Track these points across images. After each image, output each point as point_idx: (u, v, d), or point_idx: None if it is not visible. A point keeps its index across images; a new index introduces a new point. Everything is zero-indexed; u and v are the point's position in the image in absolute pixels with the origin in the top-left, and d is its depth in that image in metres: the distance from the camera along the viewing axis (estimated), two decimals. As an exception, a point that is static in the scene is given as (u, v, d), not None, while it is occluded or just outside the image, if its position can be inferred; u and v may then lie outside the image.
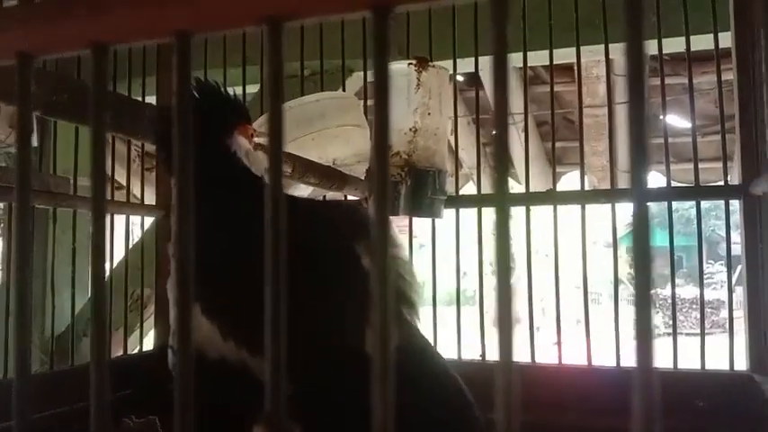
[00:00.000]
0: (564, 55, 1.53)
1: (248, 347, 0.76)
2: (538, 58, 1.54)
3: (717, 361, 1.25)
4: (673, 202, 1.37)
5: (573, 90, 3.32)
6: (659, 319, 8.65)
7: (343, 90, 1.71)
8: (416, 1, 0.25)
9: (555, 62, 1.45)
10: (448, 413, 0.83)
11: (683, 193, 1.43)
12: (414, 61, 1.20)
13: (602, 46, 1.37)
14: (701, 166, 1.35)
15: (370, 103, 1.37)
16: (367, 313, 0.80)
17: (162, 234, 1.55)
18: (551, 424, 1.13)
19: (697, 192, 1.33)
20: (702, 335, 1.27)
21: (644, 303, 0.24)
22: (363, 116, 1.38)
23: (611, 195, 1.34)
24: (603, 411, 1.13)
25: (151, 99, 1.62)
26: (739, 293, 1.38)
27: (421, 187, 1.18)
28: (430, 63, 1.22)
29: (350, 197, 1.42)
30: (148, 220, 1.74)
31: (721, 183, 1.32)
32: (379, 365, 0.25)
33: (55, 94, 0.83)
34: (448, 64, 1.37)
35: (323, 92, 1.46)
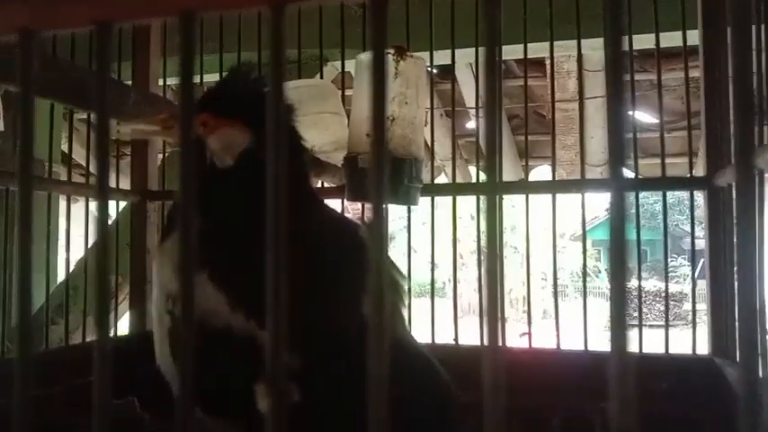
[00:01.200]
0: (536, 50, 1.55)
1: (257, 320, 0.76)
2: (510, 52, 1.57)
3: (679, 351, 1.30)
4: (639, 198, 1.41)
5: (543, 84, 3.36)
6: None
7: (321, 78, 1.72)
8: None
9: (528, 56, 1.48)
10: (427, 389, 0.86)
11: (650, 184, 1.47)
12: (392, 50, 1.20)
13: (575, 41, 1.40)
14: (667, 161, 1.39)
15: (348, 93, 1.38)
16: (364, 293, 0.82)
17: (137, 219, 1.54)
18: (522, 407, 1.16)
19: (664, 183, 1.37)
20: (666, 326, 1.32)
21: (620, 290, 0.26)
22: (341, 104, 1.38)
23: (582, 185, 1.37)
24: (571, 393, 1.17)
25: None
26: (702, 286, 1.43)
27: (398, 175, 1.19)
28: (408, 53, 1.22)
29: (327, 184, 1.43)
30: (119, 206, 1.73)
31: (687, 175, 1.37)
32: (374, 348, 0.27)
33: (44, 73, 0.82)
34: (424, 56, 1.38)
35: (301, 79, 1.46)
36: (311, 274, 0.79)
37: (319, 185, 1.41)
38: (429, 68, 1.37)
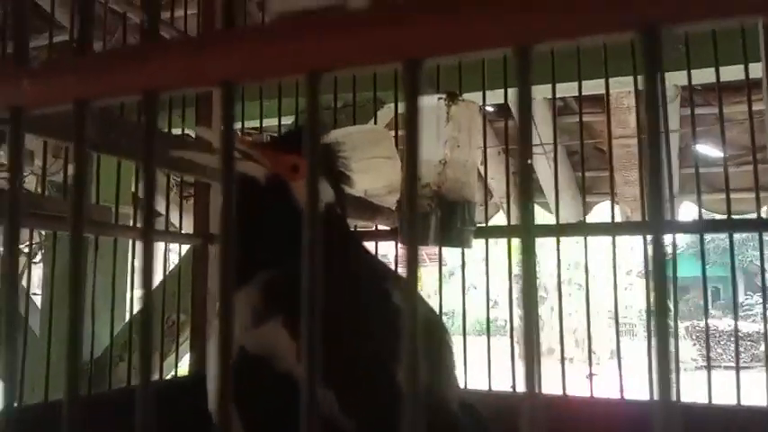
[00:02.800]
0: (592, 86, 1.53)
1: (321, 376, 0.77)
2: (567, 89, 1.56)
3: (756, 396, 1.22)
4: (703, 237, 1.35)
5: (603, 120, 3.31)
6: (695, 352, 8.41)
7: (375, 122, 1.74)
8: (445, 54, 0.26)
9: (584, 93, 1.46)
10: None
11: (715, 226, 1.40)
12: (444, 95, 1.22)
13: (631, 78, 1.38)
14: (735, 196, 1.34)
15: (400, 133, 1.40)
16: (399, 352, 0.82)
17: (199, 261, 1.58)
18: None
19: (729, 224, 1.31)
20: (738, 368, 1.25)
21: (663, 335, 0.25)
22: (394, 148, 1.40)
23: (642, 227, 1.33)
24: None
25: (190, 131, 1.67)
26: None
27: (450, 218, 1.20)
28: (459, 97, 1.24)
29: (380, 227, 1.44)
30: (184, 248, 1.78)
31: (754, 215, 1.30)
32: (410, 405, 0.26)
33: (103, 132, 0.88)
34: (477, 95, 1.38)
35: (353, 125, 1.49)
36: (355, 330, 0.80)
37: (373, 228, 1.42)
38: (483, 107, 1.37)
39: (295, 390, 0.78)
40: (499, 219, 2.88)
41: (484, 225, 1.41)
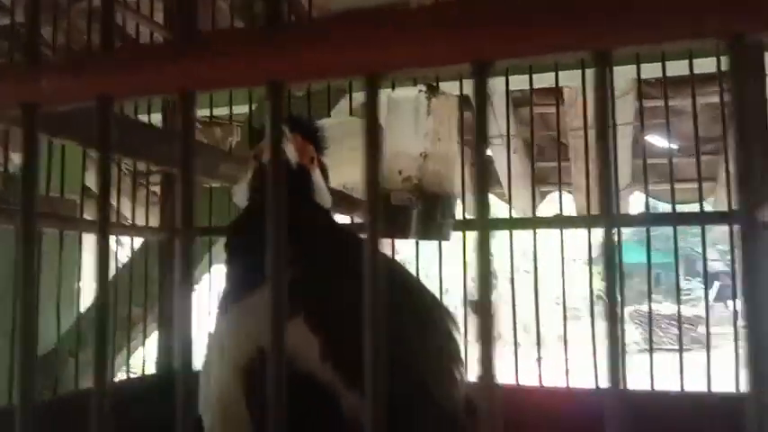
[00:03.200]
0: (545, 79, 1.56)
1: (345, 377, 0.72)
2: (520, 82, 1.58)
3: (695, 376, 1.27)
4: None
5: (561, 112, 3.36)
6: (638, 335, 8.65)
7: (329, 114, 1.73)
8: (514, 56, 0.26)
9: (540, 86, 1.49)
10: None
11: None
12: (424, 88, 1.21)
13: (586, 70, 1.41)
14: (687, 186, 1.38)
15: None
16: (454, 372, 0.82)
17: (166, 256, 1.55)
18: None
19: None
20: (681, 350, 1.30)
21: (613, 325, 0.25)
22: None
23: (590, 221, 1.37)
24: None
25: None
26: (716, 310, 1.41)
27: (431, 211, 1.19)
28: (440, 90, 1.23)
29: (357, 220, 1.43)
30: (137, 241, 1.74)
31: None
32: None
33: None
34: (452, 85, 1.39)
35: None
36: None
37: (350, 221, 1.41)
38: (459, 99, 1.37)
39: (317, 392, 0.72)
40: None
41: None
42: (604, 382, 0.24)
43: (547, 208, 2.94)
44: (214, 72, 0.29)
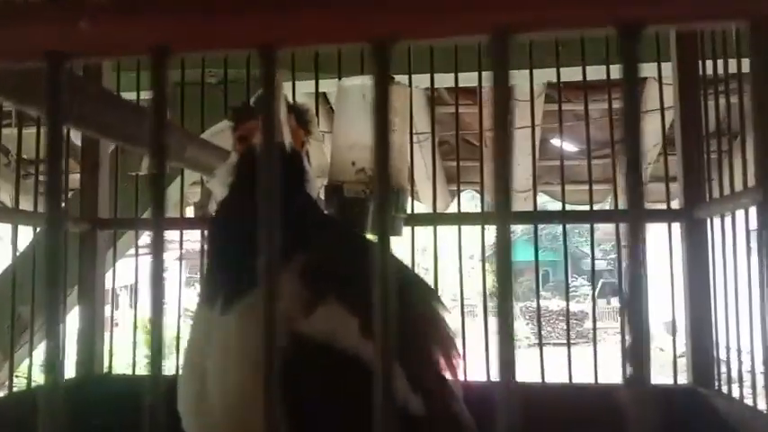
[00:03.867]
0: (467, 79, 1.59)
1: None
2: (442, 80, 1.60)
3: (582, 368, 1.34)
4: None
5: (474, 112, 3.44)
6: (528, 330, 9.04)
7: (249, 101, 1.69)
8: (538, 29, 0.25)
9: (458, 85, 1.51)
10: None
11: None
12: None
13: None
14: (586, 188, 1.44)
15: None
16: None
17: (87, 249, 1.46)
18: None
19: (562, 216, 1.42)
20: (569, 344, 1.37)
21: (505, 319, 0.26)
22: (317, 130, 1.34)
23: (483, 218, 1.41)
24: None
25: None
26: (599, 306, 1.50)
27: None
28: (394, 80, 1.19)
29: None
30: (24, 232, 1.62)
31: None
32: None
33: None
34: (402, 79, 1.39)
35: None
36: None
37: None
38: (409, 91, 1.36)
39: (365, 373, 0.70)
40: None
41: (411, 213, 1.39)
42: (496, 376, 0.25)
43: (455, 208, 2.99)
44: (305, 25, 0.25)
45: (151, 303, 0.25)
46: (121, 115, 0.84)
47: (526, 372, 1.41)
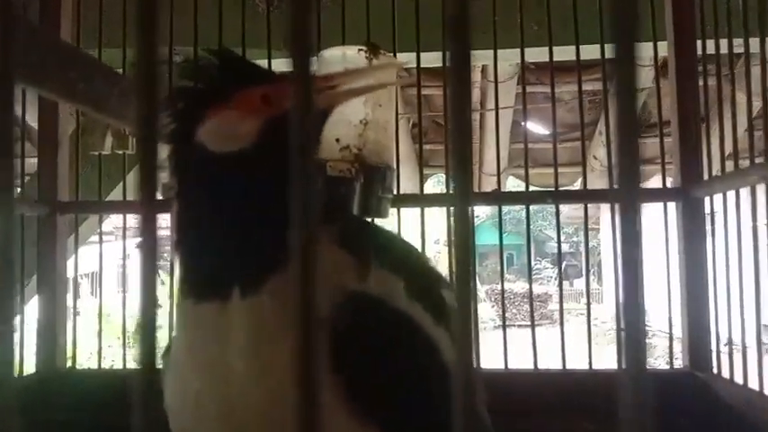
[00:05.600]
0: (433, 59, 1.56)
1: (432, 315, 0.72)
2: (409, 59, 1.57)
3: (546, 350, 1.36)
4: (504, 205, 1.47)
5: (442, 94, 3.43)
6: (494, 312, 9.19)
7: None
8: None
9: (426, 65, 1.48)
10: None
11: (513, 198, 1.50)
12: (365, 48, 1.08)
13: (478, 52, 1.42)
14: (560, 170, 1.45)
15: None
16: None
17: (46, 232, 1.39)
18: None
19: (527, 197, 1.42)
20: (533, 326, 1.37)
21: (464, 303, 0.23)
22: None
23: (446, 199, 1.38)
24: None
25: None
26: (564, 288, 1.52)
27: (371, 185, 1.06)
28: (382, 51, 1.11)
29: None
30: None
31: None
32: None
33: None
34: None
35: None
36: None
37: None
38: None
39: (418, 333, 0.69)
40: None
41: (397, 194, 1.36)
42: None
43: (428, 191, 3.00)
44: None
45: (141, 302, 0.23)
46: (86, 74, 0.74)
47: (492, 353, 1.42)
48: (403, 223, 1.38)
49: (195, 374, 0.70)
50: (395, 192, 1.21)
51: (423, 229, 1.37)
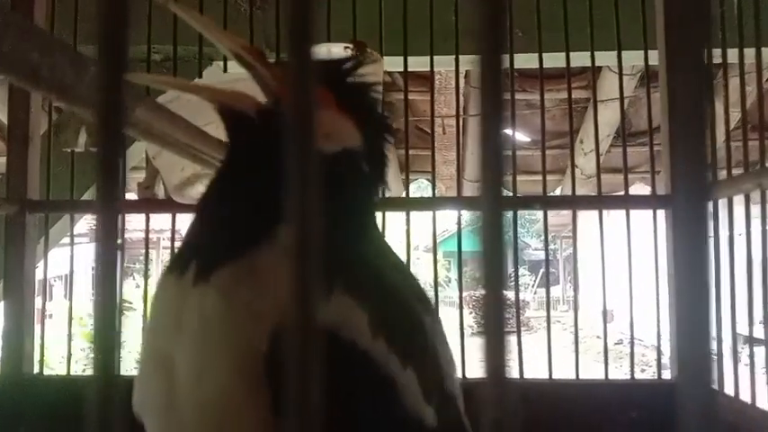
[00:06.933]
0: (419, 63, 1.55)
1: (400, 356, 0.61)
2: (394, 64, 1.56)
3: (527, 357, 1.36)
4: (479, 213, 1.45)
5: (427, 99, 3.42)
6: (471, 319, 9.27)
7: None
8: None
9: (410, 70, 1.47)
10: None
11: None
12: (350, 45, 1.08)
13: (459, 57, 1.42)
14: (536, 178, 1.44)
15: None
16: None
17: (13, 233, 1.34)
18: None
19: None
20: (519, 334, 1.37)
21: (497, 308, 0.23)
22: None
23: (434, 202, 1.38)
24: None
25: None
26: (538, 295, 1.51)
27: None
28: (368, 49, 1.12)
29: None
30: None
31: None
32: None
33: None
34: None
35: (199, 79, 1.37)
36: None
37: None
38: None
39: (374, 370, 0.60)
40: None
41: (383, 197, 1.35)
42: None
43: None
44: None
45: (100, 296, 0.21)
46: (55, 59, 0.68)
47: (470, 360, 1.40)
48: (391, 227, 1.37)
49: (147, 365, 0.66)
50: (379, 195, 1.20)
51: (408, 235, 1.36)
